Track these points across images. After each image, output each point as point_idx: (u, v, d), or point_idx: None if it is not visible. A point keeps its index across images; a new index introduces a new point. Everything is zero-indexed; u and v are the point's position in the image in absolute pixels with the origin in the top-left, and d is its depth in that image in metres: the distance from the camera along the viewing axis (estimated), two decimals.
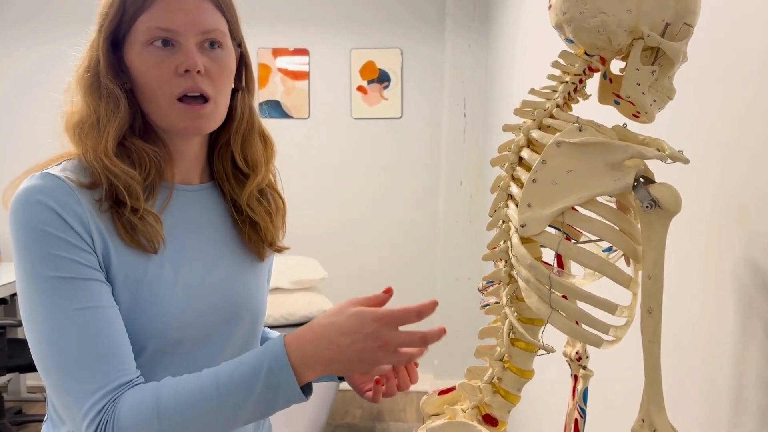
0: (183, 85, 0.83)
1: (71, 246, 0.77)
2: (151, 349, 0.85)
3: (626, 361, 1.22)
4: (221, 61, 0.87)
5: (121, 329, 0.80)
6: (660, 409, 0.72)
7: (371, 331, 0.74)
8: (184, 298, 0.87)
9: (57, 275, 0.76)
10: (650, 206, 0.69)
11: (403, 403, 3.63)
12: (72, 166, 0.84)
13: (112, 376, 0.76)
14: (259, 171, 0.97)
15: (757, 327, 0.82)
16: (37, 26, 3.66)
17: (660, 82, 0.76)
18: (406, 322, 0.75)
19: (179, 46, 0.83)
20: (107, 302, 0.79)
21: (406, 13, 3.65)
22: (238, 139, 0.95)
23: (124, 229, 0.82)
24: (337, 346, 0.74)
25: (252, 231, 0.97)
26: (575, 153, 0.73)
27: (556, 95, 0.81)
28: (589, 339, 0.73)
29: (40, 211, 0.77)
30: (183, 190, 0.93)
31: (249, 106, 0.96)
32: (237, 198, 0.96)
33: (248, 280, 0.97)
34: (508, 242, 0.81)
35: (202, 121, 0.86)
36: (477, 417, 0.85)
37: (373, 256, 3.76)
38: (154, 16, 0.82)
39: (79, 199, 0.79)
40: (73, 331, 0.76)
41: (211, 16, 0.85)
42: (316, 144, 3.70)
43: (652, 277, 0.70)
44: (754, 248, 0.83)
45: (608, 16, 0.74)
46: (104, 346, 0.77)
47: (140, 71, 0.84)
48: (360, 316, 0.75)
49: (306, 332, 0.77)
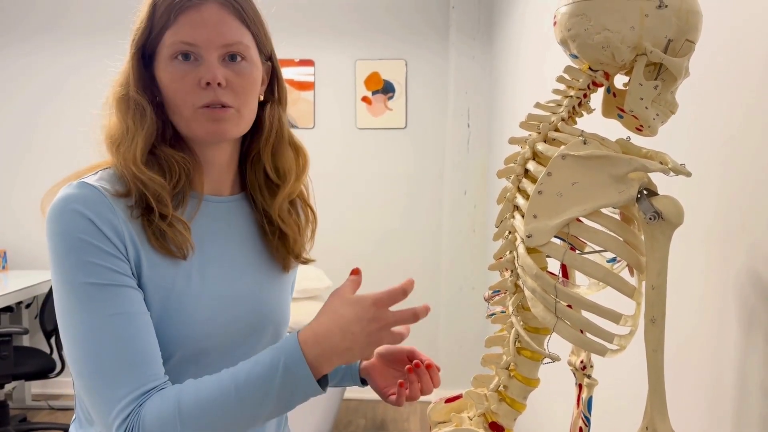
0: (206, 98, 0.85)
1: (105, 254, 0.80)
2: (178, 358, 0.87)
3: (630, 371, 1.23)
4: (244, 74, 0.88)
5: (152, 335, 0.82)
6: (663, 416, 0.73)
7: (372, 316, 0.77)
8: (211, 308, 0.89)
9: (92, 282, 0.79)
10: (653, 218, 0.71)
11: (407, 413, 3.63)
12: (108, 175, 0.87)
13: (141, 382, 0.78)
14: (289, 181, 0.98)
15: (759, 336, 0.83)
16: (60, 36, 3.71)
17: (663, 96, 0.78)
18: (396, 301, 0.78)
19: (201, 60, 0.86)
20: (140, 308, 0.82)
21: (411, 24, 3.68)
22: (268, 150, 0.96)
23: (154, 236, 0.84)
24: (351, 335, 0.77)
25: (280, 242, 0.99)
26: (580, 166, 0.75)
27: (561, 109, 0.82)
28: (594, 348, 0.75)
29: (76, 220, 0.79)
30: (213, 201, 0.95)
31: (278, 118, 0.97)
32: (269, 209, 0.98)
33: (273, 291, 0.99)
34: (514, 252, 0.83)
35: (223, 124, 0.87)
36: (483, 424, 0.87)
37: (377, 265, 3.77)
38: (178, 31, 0.85)
39: (113, 207, 0.82)
40: (107, 336, 0.78)
41: (233, 29, 0.87)
42: (321, 154, 3.73)
43: (655, 287, 0.72)
44: (754, 258, 0.85)
45: (612, 32, 0.75)
46: (135, 353, 0.79)
47: (166, 84, 0.86)
48: (361, 303, 0.78)
49: (319, 327, 0.79)
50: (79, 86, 3.62)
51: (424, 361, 1.00)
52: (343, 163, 3.75)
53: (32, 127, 3.76)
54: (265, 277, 0.98)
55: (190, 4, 0.85)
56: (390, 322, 0.78)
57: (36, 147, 3.76)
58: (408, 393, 0.97)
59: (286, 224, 0.99)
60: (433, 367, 0.99)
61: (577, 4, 0.78)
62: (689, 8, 0.75)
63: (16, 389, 3.63)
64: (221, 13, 0.87)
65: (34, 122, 3.75)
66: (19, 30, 3.73)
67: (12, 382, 2.83)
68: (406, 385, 0.97)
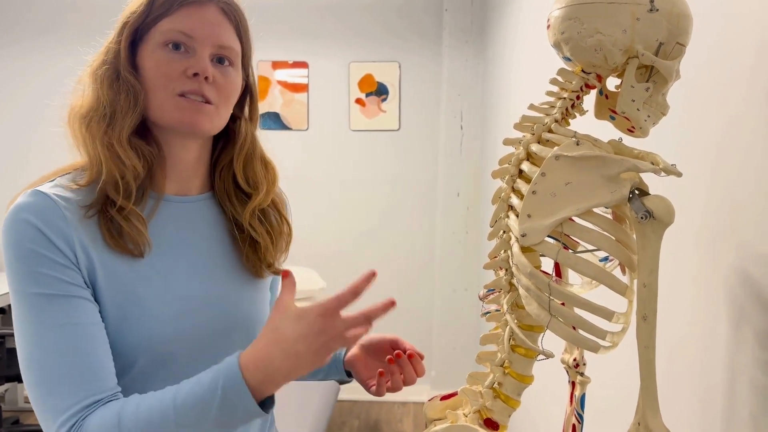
0: (188, 85, 0.86)
1: (55, 264, 0.80)
2: (144, 362, 0.86)
3: (622, 368, 1.25)
4: (229, 77, 0.90)
5: (102, 346, 0.81)
6: (655, 412, 0.75)
7: (318, 329, 0.74)
8: (175, 310, 0.88)
9: (40, 292, 0.79)
10: (645, 217, 0.72)
11: (401, 414, 3.63)
12: (65, 180, 0.87)
13: (86, 394, 0.77)
14: (261, 190, 0.98)
15: (748, 333, 0.85)
16: (57, 39, 3.70)
17: (654, 98, 0.79)
18: (346, 304, 0.75)
19: (193, 52, 0.86)
20: (90, 319, 0.80)
21: (405, 27, 3.70)
22: (240, 161, 0.97)
23: (110, 234, 0.84)
24: (294, 355, 0.74)
25: (250, 250, 0.98)
26: (573, 166, 0.76)
27: (555, 111, 0.84)
28: (587, 344, 0.76)
29: (26, 229, 0.79)
30: (177, 201, 0.93)
31: (251, 133, 0.99)
32: (238, 216, 0.97)
33: (246, 294, 0.97)
34: (508, 251, 0.84)
35: (198, 116, 0.86)
36: (478, 421, 0.88)
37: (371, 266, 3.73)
38: (177, 20, 0.86)
39: (63, 214, 0.81)
40: (53, 347, 0.78)
41: (229, 34, 0.90)
42: (314, 156, 3.74)
43: (647, 285, 0.73)
44: (744, 257, 0.87)
45: (604, 35, 0.77)
46: (82, 364, 0.78)
47: (149, 68, 0.86)
48: (305, 318, 0.74)
49: (259, 351, 0.75)
50: None
51: (407, 350, 0.98)
52: (337, 165, 3.76)
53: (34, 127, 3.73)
54: (236, 280, 0.96)
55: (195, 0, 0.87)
56: (339, 330, 0.74)
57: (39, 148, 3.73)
58: (390, 384, 0.96)
59: (257, 233, 0.98)
60: (416, 357, 0.97)
61: (570, 7, 0.79)
62: (680, 12, 0.77)
63: (8, 391, 3.61)
64: (221, 16, 0.89)
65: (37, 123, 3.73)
66: (15, 33, 3.72)
67: (4, 384, 2.83)
68: (386, 376, 0.95)
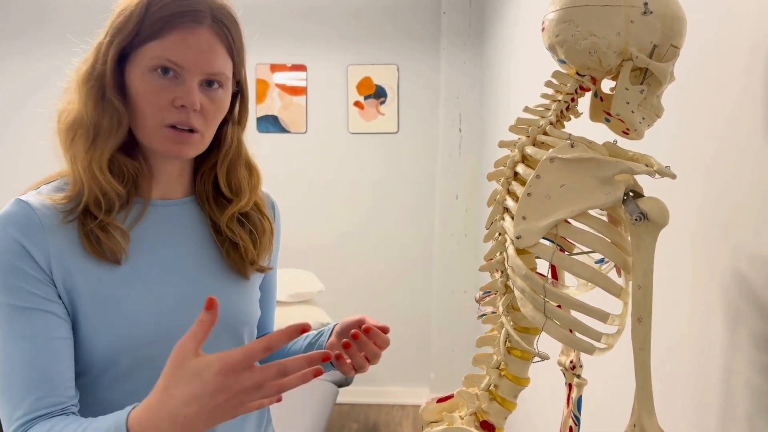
0: (176, 117, 0.86)
1: (30, 277, 0.82)
2: (126, 362, 0.86)
3: (618, 371, 1.25)
4: (217, 101, 0.89)
5: (61, 362, 0.82)
6: (650, 413, 0.75)
7: (216, 388, 0.66)
8: (156, 312, 0.88)
9: (12, 303, 0.81)
10: (639, 219, 0.72)
11: (399, 416, 3.63)
12: (50, 188, 0.88)
13: (34, 407, 0.79)
14: (243, 196, 0.99)
15: (744, 334, 0.85)
16: (33, 42, 3.69)
17: (648, 100, 0.80)
18: (253, 360, 0.67)
19: (182, 80, 0.85)
20: (52, 333, 0.82)
21: (403, 30, 3.71)
22: (223, 167, 0.97)
23: (88, 240, 0.85)
24: (183, 419, 0.67)
25: (231, 249, 0.98)
26: (568, 168, 0.76)
27: (550, 113, 0.84)
28: (582, 346, 0.76)
29: (5, 240, 0.82)
30: (161, 205, 0.94)
31: (238, 138, 0.99)
32: (217, 219, 0.97)
33: (232, 294, 0.97)
34: (504, 254, 0.84)
35: (185, 146, 0.88)
36: (474, 423, 0.88)
37: (369, 268, 3.78)
38: (166, 46, 0.84)
39: (41, 223, 0.83)
40: (14, 357, 0.80)
41: (220, 59, 0.88)
42: (313, 158, 3.74)
43: (642, 287, 0.73)
44: (738, 258, 0.87)
45: (599, 38, 0.77)
46: (38, 377, 0.80)
47: (138, 93, 0.85)
48: (200, 376, 0.67)
49: (147, 412, 0.70)
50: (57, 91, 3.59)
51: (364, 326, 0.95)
52: (336, 168, 3.76)
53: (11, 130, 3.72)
54: (220, 280, 0.97)
55: (186, 24, 0.84)
56: (245, 387, 0.67)
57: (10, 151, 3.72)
58: (354, 364, 0.95)
59: (235, 234, 0.98)
60: (373, 330, 0.94)
61: (565, 10, 0.79)
62: (674, 14, 0.77)
63: None
64: (212, 41, 0.86)
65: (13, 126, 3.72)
66: None
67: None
68: (343, 356, 0.95)
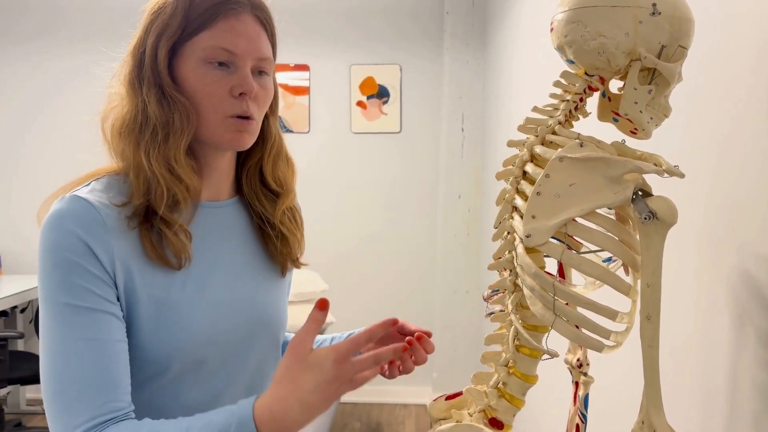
0: (238, 107, 0.86)
1: (90, 275, 0.79)
2: (177, 368, 0.86)
3: (625, 368, 1.26)
4: (267, 89, 0.91)
5: (121, 364, 0.80)
6: (659, 411, 0.75)
7: (332, 376, 0.75)
8: (209, 316, 0.89)
9: (70, 302, 0.78)
10: (648, 218, 0.73)
11: (402, 416, 3.64)
12: (101, 186, 0.86)
13: (100, 411, 0.77)
14: (291, 190, 1.01)
15: (750, 333, 0.85)
16: (56, 41, 3.72)
17: (656, 100, 0.80)
18: (359, 349, 0.76)
19: (236, 69, 0.86)
20: (113, 336, 0.80)
21: (406, 29, 3.71)
22: (270, 160, 0.98)
23: (152, 245, 0.84)
24: (309, 405, 0.75)
25: (282, 245, 1.00)
26: (577, 167, 0.77)
27: (558, 113, 0.85)
28: (592, 344, 0.77)
29: (65, 238, 0.79)
30: (210, 207, 0.94)
31: (278, 129, 1.00)
32: (270, 216, 0.99)
33: (270, 295, 0.99)
34: (512, 252, 0.85)
35: (245, 135, 0.88)
36: (483, 420, 0.89)
37: (372, 268, 3.79)
38: (216, 35, 0.84)
39: (104, 223, 0.81)
40: (73, 360, 0.77)
41: (265, 44, 0.89)
42: (316, 158, 3.75)
43: (650, 285, 0.74)
44: (745, 257, 0.87)
45: (607, 38, 0.78)
46: (99, 380, 0.78)
47: (195, 87, 0.85)
48: (321, 367, 0.75)
49: (276, 402, 0.75)
50: (75, 91, 3.63)
51: (414, 332, 0.97)
52: (338, 167, 3.77)
53: (28, 131, 3.76)
54: (263, 281, 0.98)
55: (232, 10, 0.85)
56: (350, 375, 0.76)
57: (32, 151, 3.76)
58: (401, 367, 0.96)
59: (289, 230, 1.00)
60: (424, 337, 0.95)
61: (574, 11, 0.80)
62: (682, 15, 0.78)
63: (11, 394, 3.61)
64: (257, 27, 0.88)
65: (30, 126, 3.76)
66: (13, 35, 3.73)
67: (7, 386, 2.83)
68: (397, 362, 0.95)
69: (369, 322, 3.18)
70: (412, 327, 0.99)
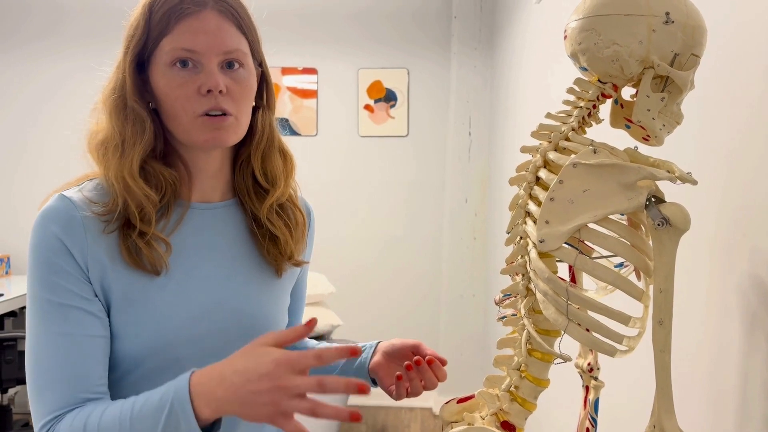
0: (206, 104, 0.86)
1: (67, 274, 0.83)
2: (152, 365, 0.87)
3: (635, 373, 1.26)
4: (242, 81, 0.89)
5: (92, 358, 0.83)
6: (670, 414, 0.76)
7: (266, 372, 0.69)
8: (188, 317, 0.89)
9: (49, 298, 0.83)
10: (661, 224, 0.74)
11: (408, 419, 3.64)
12: (93, 185, 0.89)
13: (65, 402, 0.81)
14: (278, 186, 0.98)
15: (761, 338, 0.86)
16: (57, 42, 3.73)
17: (669, 108, 0.81)
18: (305, 365, 0.70)
19: (201, 67, 0.86)
20: (86, 331, 0.83)
21: (413, 33, 3.73)
22: (258, 155, 0.97)
23: (128, 252, 0.86)
24: (229, 384, 0.71)
25: (271, 244, 0.98)
26: (591, 174, 0.78)
27: (572, 119, 0.86)
28: (604, 348, 0.78)
29: (47, 237, 0.83)
30: (201, 208, 0.95)
31: (269, 123, 0.98)
32: (257, 212, 0.98)
33: (264, 298, 0.98)
34: (525, 257, 0.86)
35: (222, 132, 0.87)
36: (495, 423, 0.90)
37: (379, 272, 3.80)
38: (177, 37, 0.85)
39: (83, 223, 0.84)
40: (49, 352, 0.82)
41: (232, 37, 0.88)
42: (323, 161, 3.76)
43: (663, 290, 0.75)
44: (756, 263, 0.88)
45: (621, 46, 0.79)
46: (69, 372, 0.81)
47: (164, 91, 0.86)
48: (260, 355, 0.71)
49: (211, 368, 0.75)
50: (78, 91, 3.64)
51: (427, 356, 0.96)
52: (346, 171, 3.78)
53: (32, 131, 3.78)
54: (254, 283, 0.97)
55: (189, 11, 0.85)
56: (290, 386, 0.69)
57: (37, 152, 3.78)
58: (410, 389, 0.95)
59: (275, 227, 0.98)
60: (435, 362, 0.95)
61: (588, 19, 0.81)
62: (694, 24, 0.79)
63: (18, 393, 3.63)
64: (219, 20, 0.87)
65: (34, 127, 3.77)
66: (15, 36, 3.75)
67: (16, 386, 2.85)
68: (404, 378, 0.95)
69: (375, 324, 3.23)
70: (427, 350, 0.97)
